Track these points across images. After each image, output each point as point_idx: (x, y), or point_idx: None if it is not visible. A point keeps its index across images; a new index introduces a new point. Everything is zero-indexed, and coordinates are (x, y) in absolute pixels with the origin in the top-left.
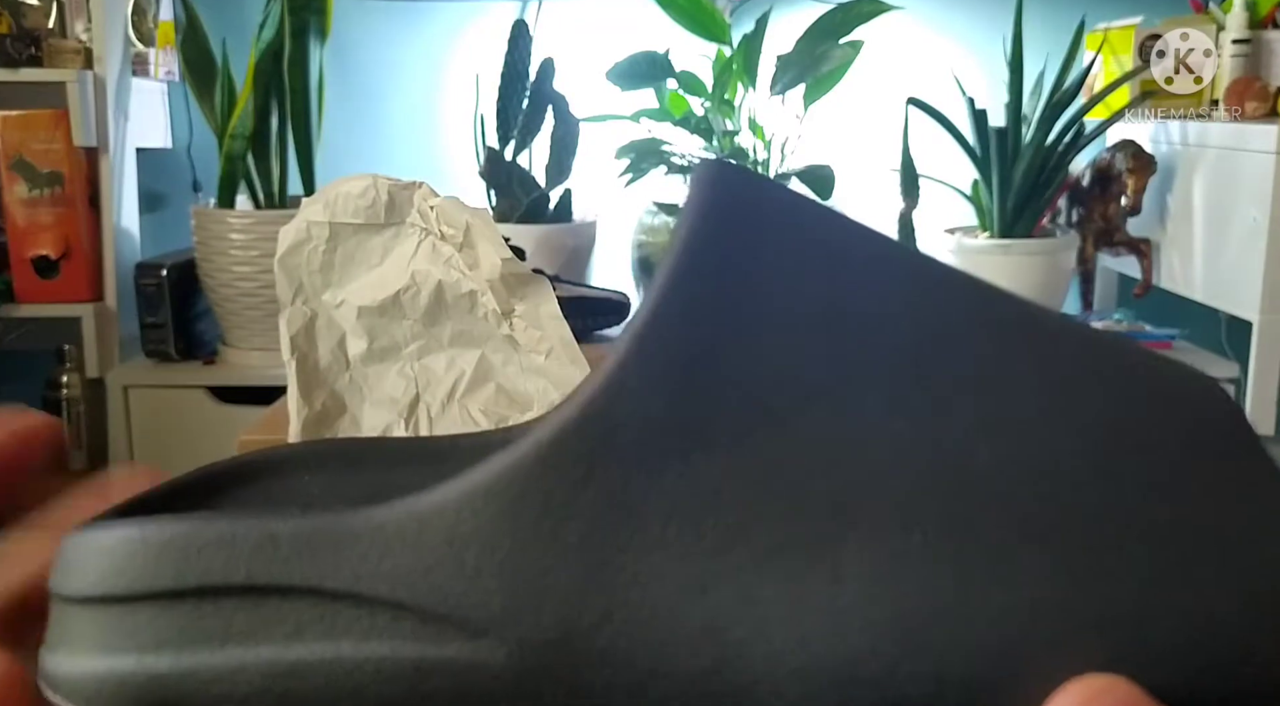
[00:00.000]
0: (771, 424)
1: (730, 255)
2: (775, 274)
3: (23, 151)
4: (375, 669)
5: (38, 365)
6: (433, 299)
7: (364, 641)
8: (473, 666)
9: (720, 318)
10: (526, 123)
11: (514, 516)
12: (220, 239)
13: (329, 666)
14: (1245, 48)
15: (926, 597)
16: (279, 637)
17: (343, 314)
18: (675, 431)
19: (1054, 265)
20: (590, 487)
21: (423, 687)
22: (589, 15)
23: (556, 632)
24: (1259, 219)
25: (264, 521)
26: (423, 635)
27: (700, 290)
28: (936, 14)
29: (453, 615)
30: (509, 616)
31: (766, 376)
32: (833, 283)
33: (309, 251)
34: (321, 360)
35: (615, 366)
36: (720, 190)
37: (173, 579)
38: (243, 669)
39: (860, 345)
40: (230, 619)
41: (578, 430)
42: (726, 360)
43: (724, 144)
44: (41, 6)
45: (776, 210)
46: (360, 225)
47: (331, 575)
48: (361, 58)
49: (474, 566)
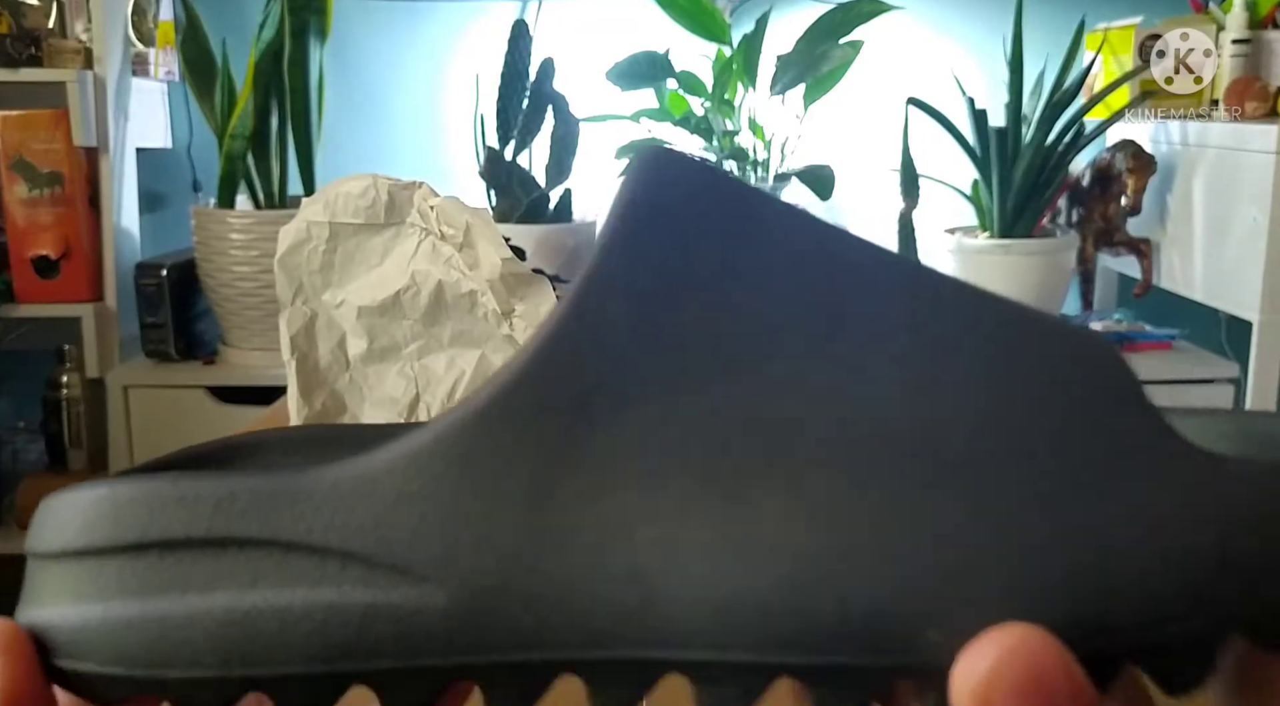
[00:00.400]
0: (695, 383)
1: (662, 229)
2: (705, 246)
3: (23, 151)
4: (325, 614)
5: (38, 365)
6: (433, 299)
7: (315, 588)
8: (417, 610)
9: (650, 286)
10: (526, 123)
11: (456, 472)
12: (220, 239)
13: (283, 612)
14: (1245, 48)
15: (836, 538)
16: (236, 586)
17: (343, 314)
18: (605, 392)
19: (1054, 265)
20: (526, 445)
21: (370, 630)
22: (589, 15)
23: (494, 578)
24: (1259, 219)
25: (224, 481)
26: (370, 582)
27: (631, 264)
28: (936, 14)
29: (398, 563)
30: (450, 563)
31: (693, 339)
32: (757, 253)
33: (309, 251)
34: (321, 360)
35: (549, 334)
36: (658, 168)
37: (138, 533)
38: (203, 615)
39: (781, 311)
40: (191, 569)
41: (515, 393)
42: (655, 325)
43: (724, 144)
44: (41, 6)
45: (710, 188)
46: (360, 225)
47: (286, 528)
48: (361, 58)
49: (418, 518)
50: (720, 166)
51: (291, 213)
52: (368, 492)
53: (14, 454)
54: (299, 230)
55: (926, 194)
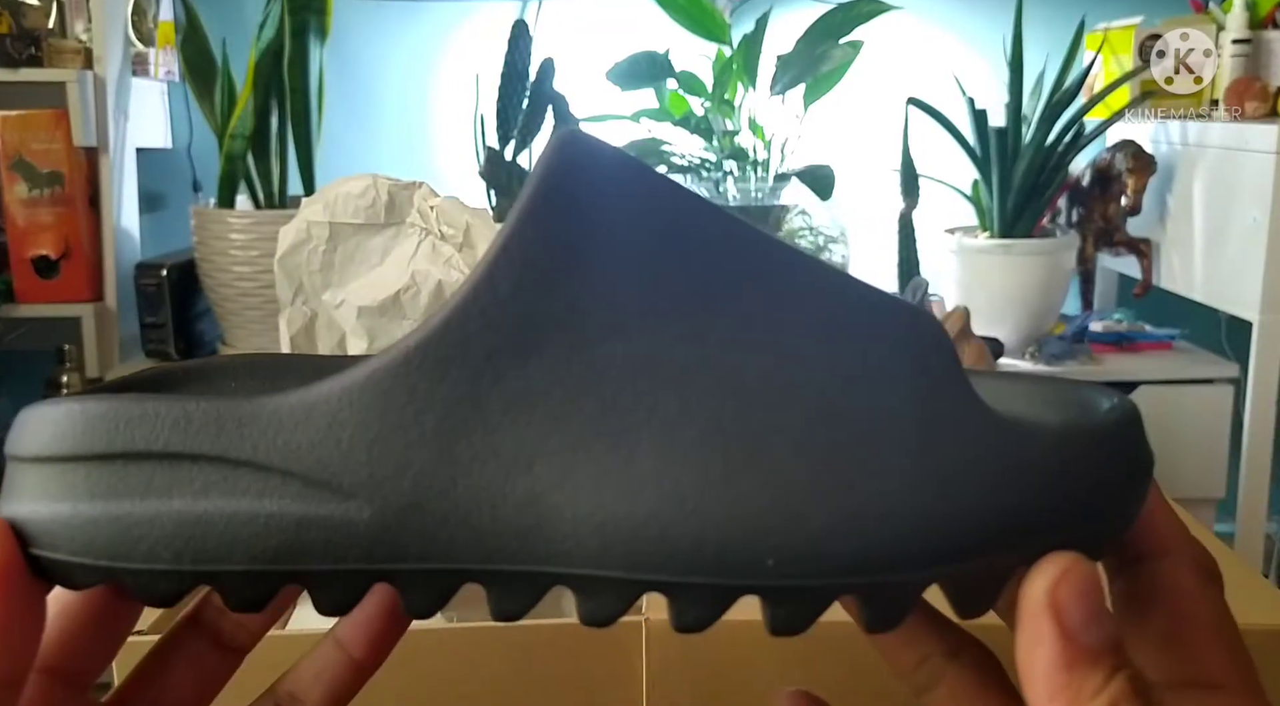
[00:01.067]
0: (589, 340)
1: (565, 207)
2: (601, 223)
3: (23, 151)
4: (265, 521)
5: (38, 365)
6: (433, 299)
7: (258, 499)
8: (344, 523)
9: (552, 257)
10: (526, 123)
11: (382, 405)
12: (220, 239)
13: (228, 518)
14: (1245, 48)
15: (697, 478)
16: (189, 494)
17: (343, 314)
18: (514, 343)
19: (1054, 265)
20: (445, 384)
21: (303, 538)
22: (589, 15)
23: (411, 497)
24: (1259, 219)
25: (181, 402)
26: (305, 496)
27: (536, 237)
28: (936, 14)
29: (330, 481)
30: (374, 483)
31: (589, 304)
32: (648, 232)
33: (309, 251)
34: None
35: (469, 289)
36: (568, 150)
37: (105, 444)
38: (160, 517)
39: (665, 284)
40: (150, 477)
41: (438, 339)
42: (558, 288)
43: (724, 144)
44: (41, 6)
45: (614, 169)
46: (360, 225)
47: (234, 447)
48: (362, 58)
49: (349, 443)
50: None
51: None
52: (305, 419)
53: None
54: (299, 230)
55: (926, 194)
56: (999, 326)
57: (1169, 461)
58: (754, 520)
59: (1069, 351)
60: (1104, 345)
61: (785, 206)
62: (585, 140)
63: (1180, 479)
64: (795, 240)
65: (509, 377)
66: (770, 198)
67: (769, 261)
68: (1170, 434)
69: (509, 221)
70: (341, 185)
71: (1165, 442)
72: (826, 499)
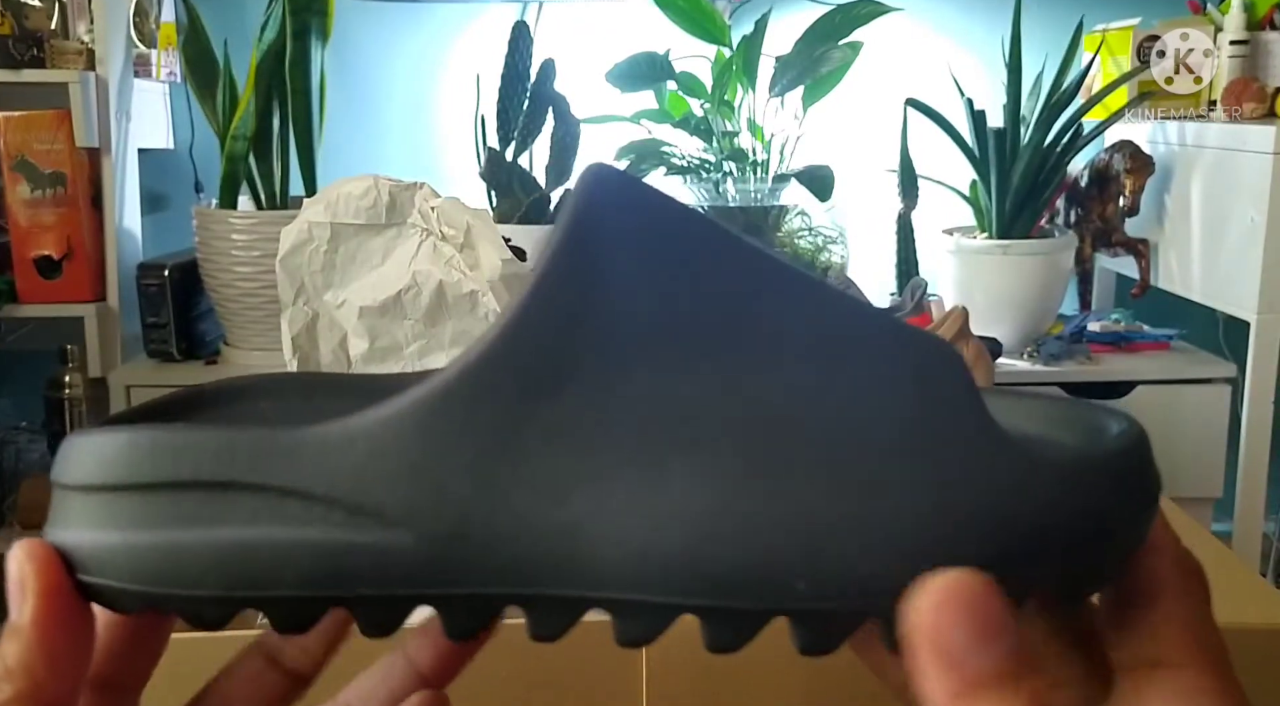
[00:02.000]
0: (617, 372)
1: (598, 245)
2: (631, 258)
3: (25, 152)
4: (311, 549)
5: (40, 365)
6: (434, 299)
7: (303, 527)
8: (387, 549)
9: (585, 293)
10: (527, 124)
11: (423, 435)
12: (222, 239)
13: (274, 545)
14: (1243, 48)
15: (729, 506)
16: (235, 522)
17: (344, 314)
18: (547, 376)
19: (1052, 265)
20: (483, 415)
21: (348, 564)
22: (589, 17)
23: (452, 525)
24: (1256, 219)
25: (227, 433)
26: (349, 524)
27: (571, 273)
28: (935, 15)
29: (373, 509)
30: (416, 511)
31: (616, 337)
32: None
33: (310, 252)
34: (323, 360)
35: (505, 323)
36: (601, 187)
37: (152, 474)
38: (208, 545)
39: (688, 319)
40: (196, 506)
41: (476, 371)
42: (587, 323)
43: (723, 145)
44: (44, 8)
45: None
46: (362, 226)
47: (279, 475)
48: (363, 59)
49: (391, 472)
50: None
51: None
52: (348, 448)
53: (16, 453)
54: (301, 231)
55: (925, 194)
56: (997, 326)
57: (1167, 461)
58: (782, 545)
59: (1067, 351)
60: (1102, 345)
61: (785, 207)
62: (613, 178)
63: (1178, 478)
64: (795, 240)
65: (543, 409)
66: (770, 198)
67: (789, 291)
68: (1168, 434)
69: (542, 259)
70: (343, 186)
71: (1163, 442)
72: (850, 523)
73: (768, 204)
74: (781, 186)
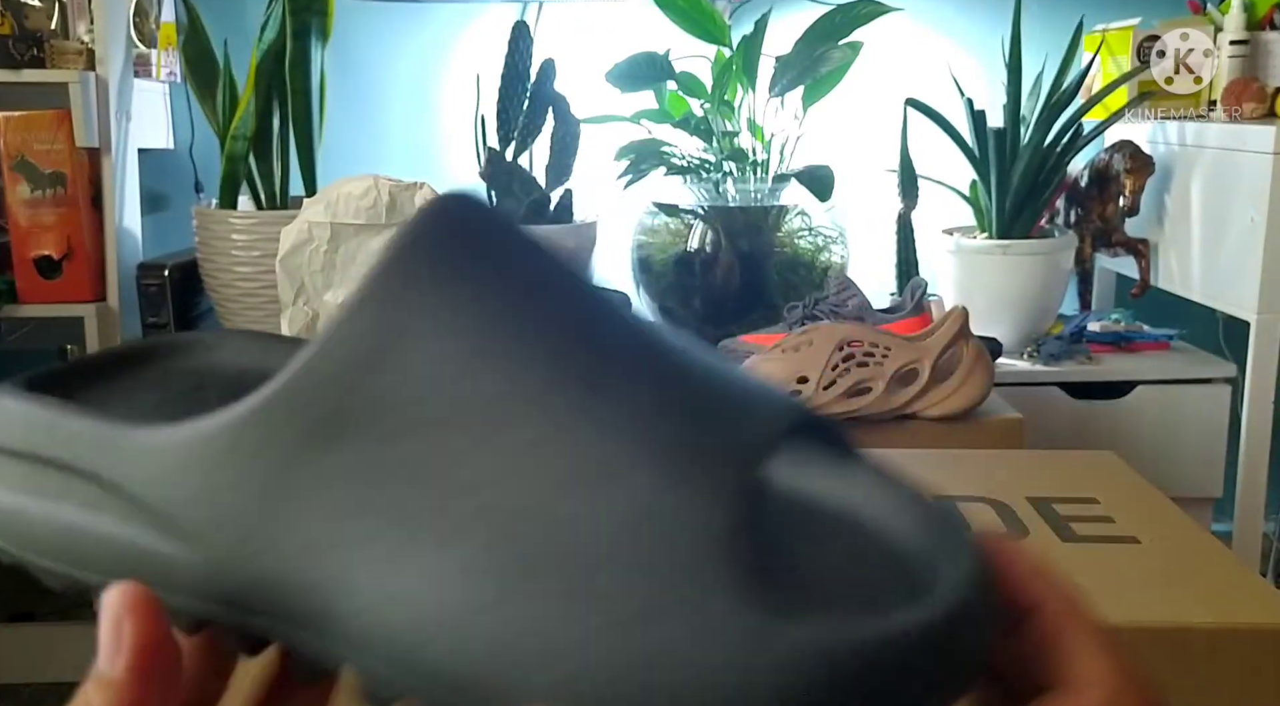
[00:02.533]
0: (394, 434)
1: (411, 284)
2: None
3: (25, 152)
4: (125, 545)
5: (40, 365)
6: None
7: (123, 523)
8: (176, 560)
9: (381, 340)
10: (527, 124)
11: (221, 458)
12: (222, 239)
13: (98, 535)
14: (1243, 48)
15: (467, 595)
16: (75, 504)
17: None
18: (330, 423)
19: (1052, 266)
20: (271, 450)
21: (146, 567)
22: (589, 16)
23: (228, 552)
24: (1256, 219)
25: (80, 419)
26: (152, 530)
27: (372, 315)
28: (935, 15)
29: (171, 521)
30: (203, 531)
31: (399, 397)
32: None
33: (310, 252)
34: None
35: (305, 358)
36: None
37: (20, 443)
38: (48, 519)
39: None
40: (47, 481)
41: (271, 404)
42: (377, 376)
43: (723, 145)
44: (44, 8)
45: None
46: (362, 226)
47: (107, 470)
48: (363, 59)
49: (190, 489)
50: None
51: (293, 213)
52: (163, 458)
53: None
54: (301, 231)
55: (925, 195)
56: (997, 327)
57: (1167, 461)
58: (510, 652)
59: (1067, 351)
60: (1102, 345)
61: (785, 207)
62: (452, 219)
63: (1178, 478)
64: (795, 240)
65: (322, 456)
66: (769, 198)
67: (599, 367)
68: (1168, 434)
69: (353, 294)
70: (343, 186)
71: (1163, 442)
72: (584, 644)
73: (768, 204)
74: (781, 186)
